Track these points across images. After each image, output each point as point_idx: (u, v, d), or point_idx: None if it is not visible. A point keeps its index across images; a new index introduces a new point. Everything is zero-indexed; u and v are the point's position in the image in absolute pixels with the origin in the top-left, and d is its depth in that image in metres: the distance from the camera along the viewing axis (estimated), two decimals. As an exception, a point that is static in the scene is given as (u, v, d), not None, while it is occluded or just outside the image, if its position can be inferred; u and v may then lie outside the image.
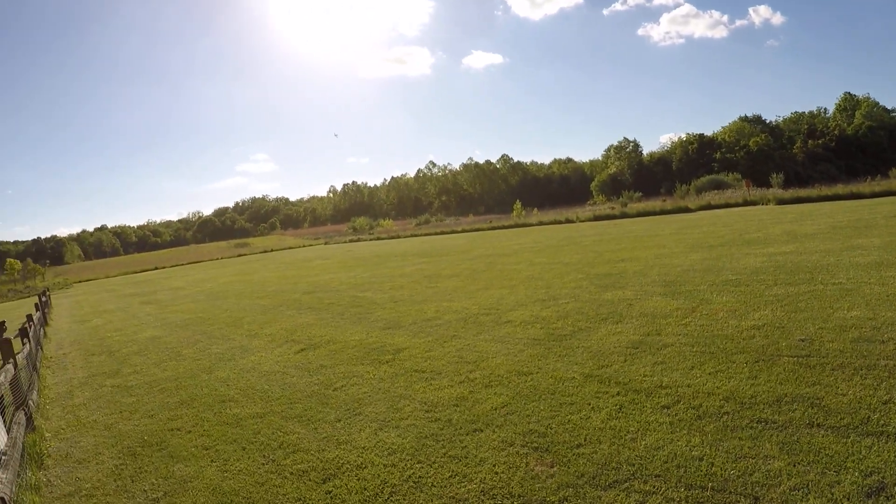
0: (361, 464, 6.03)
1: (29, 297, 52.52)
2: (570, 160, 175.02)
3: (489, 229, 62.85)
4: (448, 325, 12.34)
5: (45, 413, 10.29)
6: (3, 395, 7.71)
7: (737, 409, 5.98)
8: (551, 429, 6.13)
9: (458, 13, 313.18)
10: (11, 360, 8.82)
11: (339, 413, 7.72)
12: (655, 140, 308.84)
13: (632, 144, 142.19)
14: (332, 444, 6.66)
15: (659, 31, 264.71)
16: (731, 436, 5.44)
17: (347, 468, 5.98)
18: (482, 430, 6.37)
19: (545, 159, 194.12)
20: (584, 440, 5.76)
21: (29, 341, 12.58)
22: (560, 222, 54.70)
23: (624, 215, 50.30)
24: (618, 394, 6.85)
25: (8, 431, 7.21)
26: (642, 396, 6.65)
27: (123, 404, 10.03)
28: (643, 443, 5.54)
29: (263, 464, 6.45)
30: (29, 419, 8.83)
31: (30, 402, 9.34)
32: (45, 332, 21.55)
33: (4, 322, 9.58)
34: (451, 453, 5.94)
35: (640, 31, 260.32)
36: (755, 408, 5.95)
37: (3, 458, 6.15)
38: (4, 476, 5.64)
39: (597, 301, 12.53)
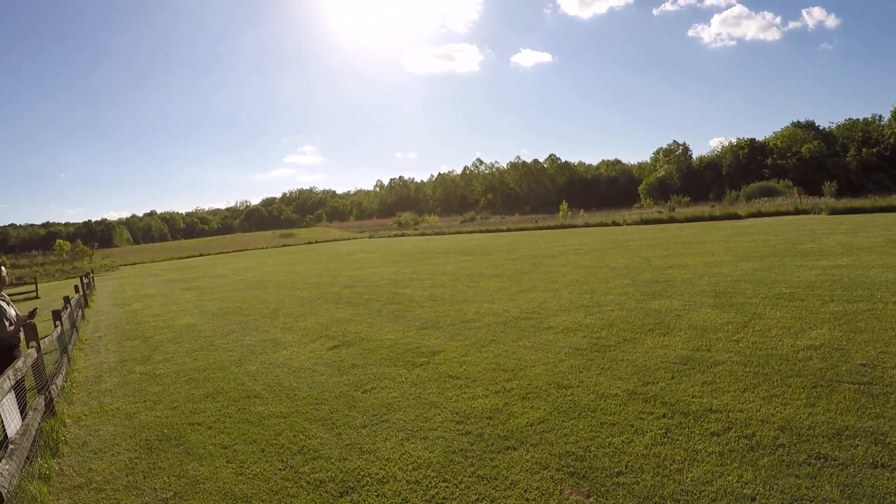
0: (383, 478, 5.63)
1: (75, 277, 53.18)
2: (618, 162, 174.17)
3: (534, 229, 62.43)
4: (487, 328, 11.93)
5: (70, 398, 10.14)
6: (23, 380, 7.50)
7: (793, 441, 5.45)
8: (590, 452, 5.66)
9: (508, 11, 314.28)
10: (35, 344, 8.61)
11: (365, 418, 7.35)
12: (705, 144, 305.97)
13: (681, 148, 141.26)
14: (354, 453, 6.28)
15: (710, 33, 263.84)
16: (787, 472, 4.92)
17: (368, 481, 5.59)
18: (515, 449, 5.92)
19: (593, 160, 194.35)
20: (626, 467, 5.28)
21: (62, 324, 12.43)
22: (606, 224, 54.16)
23: (672, 220, 49.59)
24: (664, 416, 6.34)
25: (24, 418, 6.98)
26: (690, 420, 6.14)
27: (149, 393, 9.84)
28: (690, 475, 5.04)
29: (281, 469, 6.11)
30: (49, 404, 8.65)
31: (52, 387, 9.16)
32: (83, 314, 21.66)
33: (36, 309, 9.37)
34: (479, 472, 5.50)
35: (691, 33, 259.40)
36: (813, 441, 5.42)
37: (11, 447, 5.89)
38: (6, 468, 5.36)
39: (643, 310, 12.03)
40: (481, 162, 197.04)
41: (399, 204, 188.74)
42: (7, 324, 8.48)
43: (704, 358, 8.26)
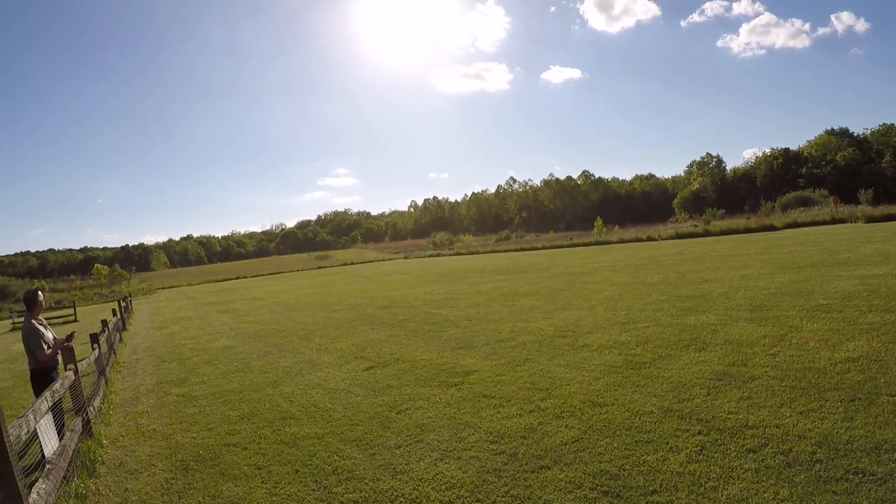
0: (416, 498, 5.61)
1: (113, 301, 53.85)
2: (651, 176, 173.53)
3: (569, 246, 62.20)
4: (522, 347, 11.88)
5: (107, 419, 10.31)
6: (60, 402, 7.63)
7: (830, 456, 5.34)
8: (624, 470, 5.59)
9: (535, 29, 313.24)
10: (72, 367, 8.76)
11: (399, 439, 7.35)
12: (739, 155, 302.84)
13: (715, 160, 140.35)
14: (388, 474, 6.28)
15: (739, 43, 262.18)
16: (824, 489, 4.81)
17: (401, 502, 5.57)
18: (549, 468, 5.87)
19: (626, 175, 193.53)
20: (660, 486, 5.21)
21: (99, 347, 12.58)
22: (641, 240, 53.97)
23: (707, 233, 49.19)
24: (699, 433, 6.25)
25: (61, 438, 7.09)
26: (726, 437, 6.04)
27: (185, 415, 9.96)
28: (725, 493, 4.95)
29: (314, 489, 6.12)
30: (86, 426, 8.81)
31: (89, 408, 9.29)
32: (121, 337, 21.94)
33: (74, 332, 9.55)
34: (512, 492, 5.46)
35: (720, 43, 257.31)
36: (851, 456, 5.30)
37: (48, 466, 6.01)
38: (43, 487, 5.47)
39: (678, 325, 11.92)
40: (515, 180, 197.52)
41: (434, 224, 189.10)
42: (45, 347, 8.65)
43: (740, 373, 8.16)
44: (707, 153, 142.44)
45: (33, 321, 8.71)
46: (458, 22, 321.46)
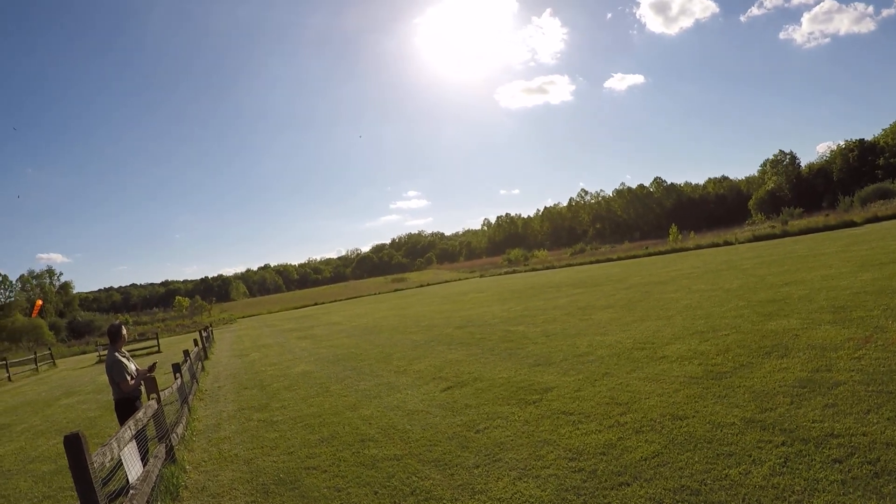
0: (496, 518, 5.59)
1: (195, 331, 55.12)
2: (725, 178, 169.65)
3: (645, 256, 61.52)
4: (600, 361, 11.76)
5: (190, 445, 10.56)
6: (144, 429, 7.85)
7: (923, 463, 5.15)
8: (705, 485, 5.46)
9: (593, 38, 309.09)
10: (155, 396, 9.03)
11: (478, 458, 7.33)
12: (813, 150, 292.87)
13: (788, 157, 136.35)
14: (466, 494, 6.27)
15: (801, 33, 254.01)
16: (916, 498, 4.64)
17: (481, 523, 5.56)
18: (629, 485, 5.77)
19: (699, 179, 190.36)
20: (743, 500, 5.06)
21: (181, 376, 12.87)
22: (718, 245, 53.06)
23: (785, 234, 48.18)
24: (782, 444, 6.06)
25: (144, 464, 7.27)
26: (810, 447, 5.85)
27: (266, 439, 10.12)
28: (811, 506, 4.81)
29: (394, 512, 6.15)
30: (169, 452, 9.05)
31: (172, 435, 9.55)
32: (203, 366, 22.41)
33: (155, 363, 9.87)
34: (592, 510, 5.40)
35: (782, 35, 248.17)
36: (945, 462, 5.10)
37: (132, 491, 6.17)
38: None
39: (759, 332, 11.65)
40: (586, 192, 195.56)
41: (508, 241, 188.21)
42: (128, 378, 8.97)
43: (825, 379, 7.92)
44: (780, 150, 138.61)
45: (116, 354, 9.05)
46: (516, 37, 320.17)
